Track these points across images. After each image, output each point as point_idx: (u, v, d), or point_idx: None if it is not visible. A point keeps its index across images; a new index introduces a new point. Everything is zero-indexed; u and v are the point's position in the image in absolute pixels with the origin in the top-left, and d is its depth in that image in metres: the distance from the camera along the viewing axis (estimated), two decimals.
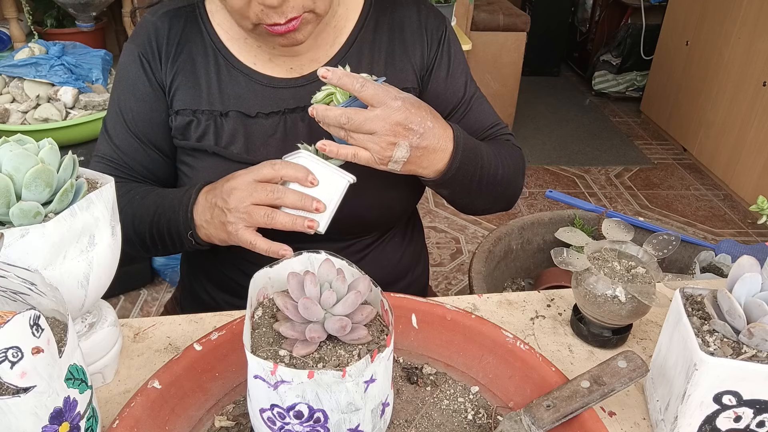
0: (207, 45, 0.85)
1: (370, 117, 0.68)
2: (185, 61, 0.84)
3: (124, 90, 0.86)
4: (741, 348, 0.55)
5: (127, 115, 0.86)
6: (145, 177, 0.89)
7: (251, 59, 0.85)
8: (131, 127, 0.86)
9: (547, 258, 1.65)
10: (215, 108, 0.83)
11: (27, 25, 2.21)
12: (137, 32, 0.86)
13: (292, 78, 0.85)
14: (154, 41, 0.85)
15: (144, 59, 0.84)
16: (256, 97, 0.84)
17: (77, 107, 1.78)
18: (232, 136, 0.83)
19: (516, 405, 0.63)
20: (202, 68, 0.84)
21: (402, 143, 0.71)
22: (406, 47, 0.88)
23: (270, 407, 0.50)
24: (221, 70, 0.84)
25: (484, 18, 3.15)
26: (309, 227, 0.71)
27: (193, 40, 0.85)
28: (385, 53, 0.88)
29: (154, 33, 0.85)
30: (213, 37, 0.85)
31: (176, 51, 0.84)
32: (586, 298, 0.71)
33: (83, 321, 0.64)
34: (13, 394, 0.44)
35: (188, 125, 0.84)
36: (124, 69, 0.86)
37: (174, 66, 0.84)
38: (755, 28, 2.85)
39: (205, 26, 0.85)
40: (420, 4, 0.91)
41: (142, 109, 0.85)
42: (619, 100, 4.27)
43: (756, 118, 2.83)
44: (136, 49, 0.85)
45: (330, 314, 0.53)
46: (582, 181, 3.18)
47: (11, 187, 0.53)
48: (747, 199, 2.91)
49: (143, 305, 2.11)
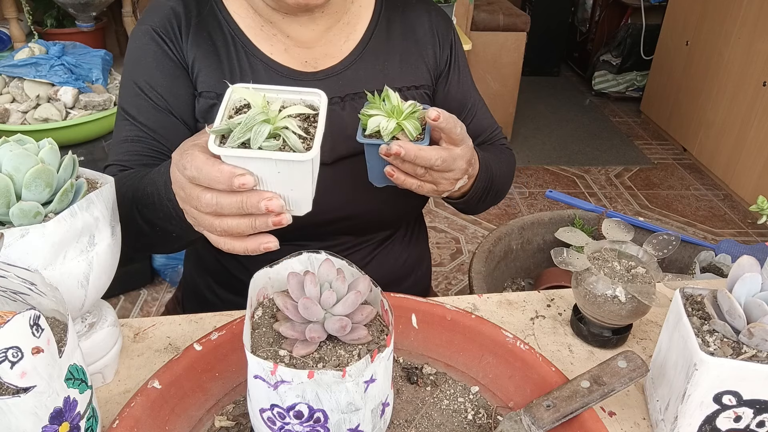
0: (225, 31, 0.83)
1: (457, 157, 0.68)
2: (206, 42, 0.82)
3: (144, 68, 0.82)
4: (741, 348, 0.55)
5: (150, 92, 0.82)
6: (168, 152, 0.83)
7: (268, 48, 0.84)
8: (157, 102, 0.81)
9: (547, 258, 1.65)
10: None
11: (27, 25, 2.21)
12: (150, 14, 0.83)
13: (311, 72, 0.84)
14: (174, 20, 0.82)
15: (163, 37, 0.81)
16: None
17: (77, 107, 1.78)
18: None
19: (516, 405, 0.63)
20: (224, 52, 0.82)
21: (465, 176, 0.73)
22: (420, 47, 0.89)
23: (270, 407, 0.50)
24: (241, 57, 0.83)
25: (484, 18, 3.15)
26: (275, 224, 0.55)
27: (211, 23, 0.83)
28: (399, 52, 0.88)
29: (171, 14, 0.82)
30: (231, 24, 0.83)
31: (196, 31, 0.82)
32: (586, 298, 0.71)
33: (83, 321, 0.64)
34: (13, 394, 0.44)
35: (211, 108, 0.82)
36: (139, 49, 0.82)
37: (195, 46, 0.82)
38: (755, 28, 2.85)
39: (222, 13, 0.84)
40: (429, 5, 0.92)
41: (167, 83, 0.82)
42: (619, 100, 4.27)
43: (756, 118, 2.83)
44: (151, 29, 0.82)
45: (330, 314, 0.53)
46: (582, 181, 3.18)
47: (11, 187, 0.53)
48: (747, 199, 2.91)
49: (143, 305, 2.11)
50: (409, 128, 0.66)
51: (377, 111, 0.67)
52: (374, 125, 0.66)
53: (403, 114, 0.66)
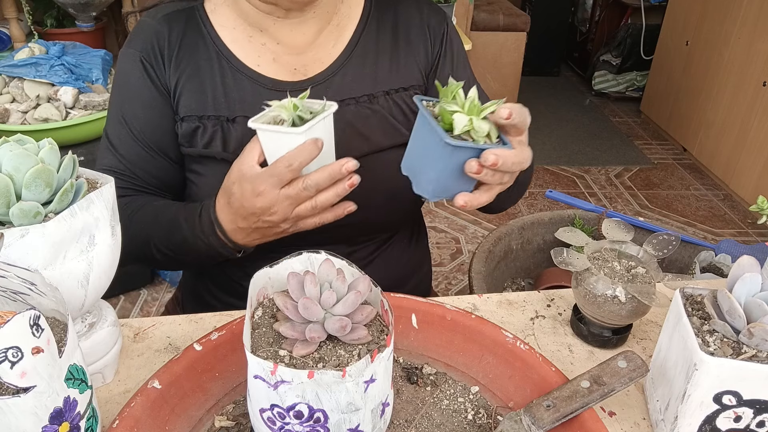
0: (210, 48, 0.82)
1: (529, 152, 0.64)
2: (188, 64, 0.82)
3: (127, 97, 0.83)
4: (741, 348, 0.55)
5: (132, 123, 0.83)
6: (155, 186, 0.86)
7: (255, 60, 0.83)
8: (138, 136, 0.83)
9: (547, 258, 1.65)
10: (221, 113, 0.81)
11: (27, 25, 2.21)
12: (135, 36, 0.83)
13: (297, 81, 0.83)
14: (156, 44, 0.82)
15: (146, 63, 0.82)
16: (262, 101, 0.82)
17: (77, 107, 1.78)
18: (240, 142, 0.80)
19: (516, 405, 0.63)
20: (207, 72, 0.82)
21: None
22: (411, 46, 0.88)
23: (270, 407, 0.50)
24: (225, 74, 0.82)
25: (484, 18, 3.15)
26: (350, 185, 0.68)
27: (194, 43, 0.83)
28: (389, 52, 0.87)
29: (154, 36, 0.82)
30: (215, 40, 0.83)
31: (178, 54, 0.82)
32: (586, 298, 0.71)
33: (83, 321, 0.64)
34: (13, 394, 0.44)
35: (194, 132, 0.82)
36: (124, 75, 0.83)
37: (177, 69, 0.82)
38: (755, 28, 2.85)
39: (206, 28, 0.83)
40: (420, 2, 0.91)
41: (149, 117, 0.83)
42: (619, 100, 4.27)
43: (756, 118, 2.83)
44: (137, 54, 0.82)
45: (330, 314, 0.53)
46: (582, 181, 3.18)
47: (11, 187, 0.53)
48: (747, 199, 2.91)
49: (143, 305, 2.11)
50: (490, 135, 0.57)
51: (455, 107, 0.57)
52: (462, 125, 0.55)
53: (483, 111, 0.57)
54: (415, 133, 0.63)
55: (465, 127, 0.55)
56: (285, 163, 0.65)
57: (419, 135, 0.62)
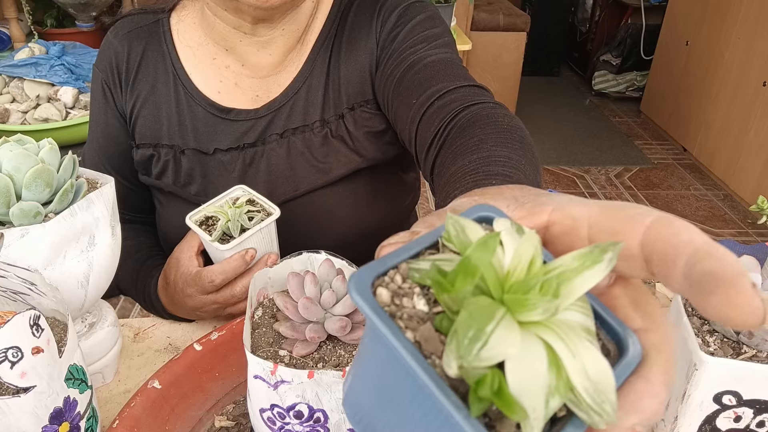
0: (168, 71, 0.79)
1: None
2: (145, 87, 0.79)
3: (94, 117, 0.83)
4: (741, 348, 0.55)
5: (99, 144, 0.83)
6: (123, 209, 0.82)
7: (216, 86, 0.78)
8: (103, 158, 0.83)
9: None
10: (175, 143, 0.78)
11: (27, 25, 2.21)
12: (100, 55, 0.81)
13: (253, 109, 0.78)
14: (115, 67, 0.80)
15: (106, 87, 0.80)
16: (215, 132, 0.78)
17: (77, 107, 1.78)
18: (189, 174, 0.78)
19: None
20: (163, 96, 0.78)
21: None
22: (363, 58, 0.77)
23: (270, 407, 0.50)
24: (180, 101, 0.78)
25: (484, 18, 3.15)
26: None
27: (154, 64, 0.79)
28: (342, 71, 0.77)
29: (114, 57, 0.80)
30: (174, 62, 0.78)
31: (136, 76, 0.79)
32: None
33: (83, 321, 0.64)
34: (13, 394, 0.44)
35: (149, 160, 0.80)
36: (93, 93, 0.83)
37: (133, 93, 0.79)
38: (755, 28, 2.85)
39: (167, 47, 0.79)
40: (380, 5, 0.78)
41: (109, 141, 0.82)
42: (619, 100, 4.28)
43: (756, 118, 2.83)
44: (99, 75, 0.81)
45: (330, 314, 0.53)
46: (582, 181, 3.18)
47: (11, 187, 0.53)
48: (747, 199, 2.91)
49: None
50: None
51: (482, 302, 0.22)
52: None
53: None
54: (372, 363, 0.25)
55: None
56: (208, 278, 0.68)
57: (384, 371, 0.24)
